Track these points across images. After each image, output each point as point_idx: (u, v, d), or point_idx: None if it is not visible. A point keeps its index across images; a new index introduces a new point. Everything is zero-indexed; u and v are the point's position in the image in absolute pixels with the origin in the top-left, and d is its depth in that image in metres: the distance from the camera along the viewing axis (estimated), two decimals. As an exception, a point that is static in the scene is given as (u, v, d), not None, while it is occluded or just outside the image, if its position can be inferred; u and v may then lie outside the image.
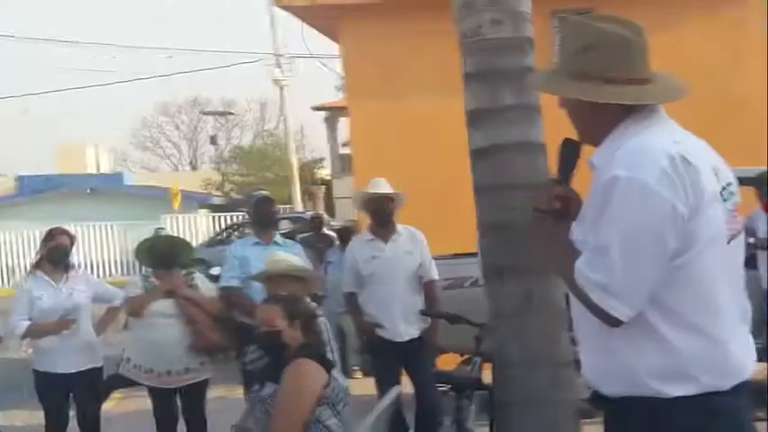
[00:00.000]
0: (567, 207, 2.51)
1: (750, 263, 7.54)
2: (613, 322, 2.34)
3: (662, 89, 2.51)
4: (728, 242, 2.44)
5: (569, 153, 2.52)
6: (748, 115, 11.82)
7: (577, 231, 2.44)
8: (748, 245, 7.61)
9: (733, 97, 11.89)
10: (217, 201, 34.25)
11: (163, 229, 23.14)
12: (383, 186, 6.74)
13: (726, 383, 2.38)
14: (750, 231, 7.83)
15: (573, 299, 2.49)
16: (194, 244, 22.19)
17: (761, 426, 3.00)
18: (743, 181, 8.19)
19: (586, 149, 2.56)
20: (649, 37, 2.59)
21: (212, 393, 6.81)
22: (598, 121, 2.47)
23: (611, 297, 2.30)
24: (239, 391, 6.28)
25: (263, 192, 7.26)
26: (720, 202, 2.40)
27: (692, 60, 11.92)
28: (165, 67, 70.98)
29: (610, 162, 2.35)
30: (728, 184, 2.46)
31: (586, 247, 2.38)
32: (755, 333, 7.77)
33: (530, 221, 2.57)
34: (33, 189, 34.30)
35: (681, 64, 11.72)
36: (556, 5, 11.83)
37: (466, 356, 6.76)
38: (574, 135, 2.58)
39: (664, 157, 2.31)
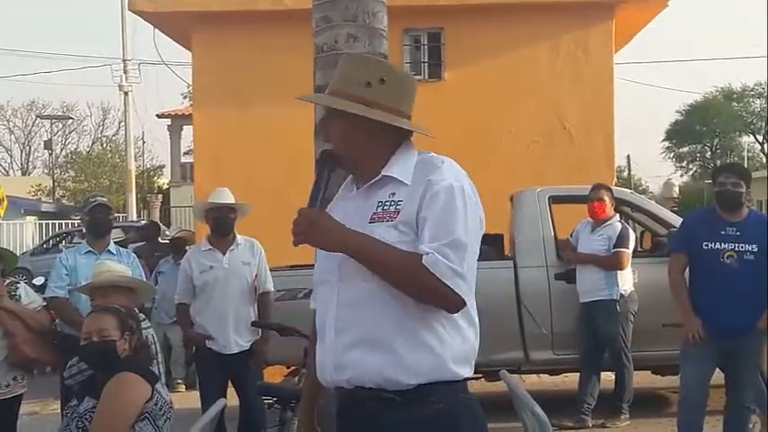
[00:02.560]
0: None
1: (569, 277, 7.90)
2: (458, 307, 2.66)
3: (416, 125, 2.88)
4: None
5: (325, 170, 2.78)
6: (594, 138, 12.32)
7: (392, 234, 2.66)
8: (566, 260, 8.11)
9: (577, 119, 12.35)
10: (46, 208, 32.89)
11: (-14, 235, 21.95)
12: (226, 196, 6.66)
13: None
14: (571, 247, 8.10)
15: (374, 301, 2.67)
16: (19, 252, 21.19)
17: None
18: (582, 198, 8.57)
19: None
20: (497, 59, 2.73)
21: (25, 408, 6.48)
22: (376, 147, 2.76)
23: (465, 284, 2.63)
24: (54, 407, 5.91)
25: (101, 198, 6.92)
26: None
27: (539, 82, 12.34)
28: (3, 67, 68.34)
29: (429, 170, 2.69)
30: None
31: (409, 244, 2.64)
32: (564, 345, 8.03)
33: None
34: None
35: (527, 85, 12.30)
36: (408, 24, 12.04)
37: (293, 368, 6.74)
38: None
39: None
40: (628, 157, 45.67)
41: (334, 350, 2.72)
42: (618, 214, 8.18)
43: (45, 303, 6.21)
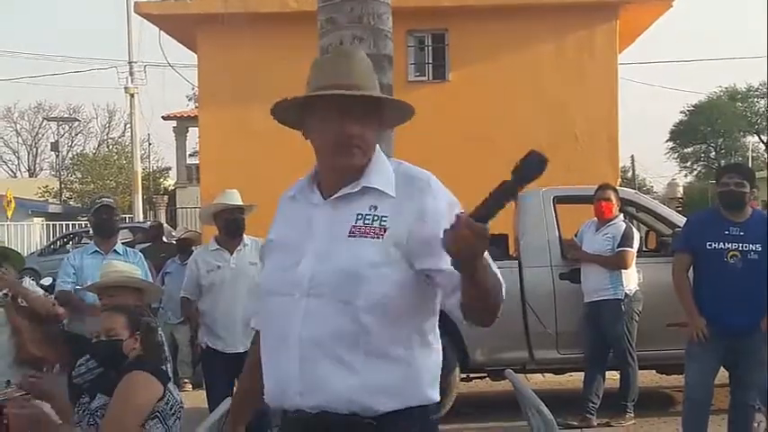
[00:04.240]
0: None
1: (574, 277, 7.92)
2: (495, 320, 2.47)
3: None
4: None
5: (529, 172, 2.11)
6: (598, 138, 12.35)
7: (379, 253, 2.42)
8: (570, 260, 8.10)
9: (581, 119, 12.38)
10: (53, 209, 32.99)
11: (-6, 236, 22.03)
12: (236, 198, 6.68)
13: None
14: (576, 247, 8.11)
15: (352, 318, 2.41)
16: (26, 253, 21.26)
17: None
18: (586, 199, 8.54)
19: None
20: (501, 60, 2.67)
21: (35, 407, 6.42)
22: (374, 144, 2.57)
23: None
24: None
25: (106, 199, 6.97)
26: None
27: (543, 82, 12.38)
28: (10, 70, 68.66)
29: (419, 188, 2.46)
30: None
31: (394, 266, 2.41)
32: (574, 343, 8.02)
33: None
34: None
35: (531, 86, 12.34)
36: (412, 25, 12.08)
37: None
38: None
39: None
40: (632, 157, 45.72)
41: (296, 372, 2.46)
42: (622, 214, 8.20)
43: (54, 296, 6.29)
